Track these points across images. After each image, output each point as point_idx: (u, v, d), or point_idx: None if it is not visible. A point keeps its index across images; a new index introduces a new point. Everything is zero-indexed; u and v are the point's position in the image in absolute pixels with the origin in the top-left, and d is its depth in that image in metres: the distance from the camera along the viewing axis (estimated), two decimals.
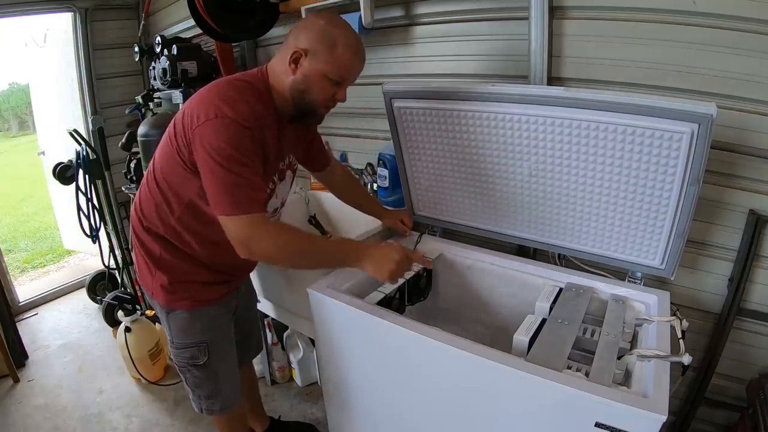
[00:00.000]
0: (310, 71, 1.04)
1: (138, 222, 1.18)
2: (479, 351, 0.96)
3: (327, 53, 1.02)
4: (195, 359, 1.23)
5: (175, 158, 1.06)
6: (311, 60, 1.03)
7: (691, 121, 0.98)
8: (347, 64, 1.05)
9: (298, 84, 1.05)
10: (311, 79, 1.05)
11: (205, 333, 1.23)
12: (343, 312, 1.21)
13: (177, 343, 1.23)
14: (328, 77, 1.05)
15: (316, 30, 1.03)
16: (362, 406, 1.32)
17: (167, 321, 1.22)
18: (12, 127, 12.01)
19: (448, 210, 1.55)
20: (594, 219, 1.26)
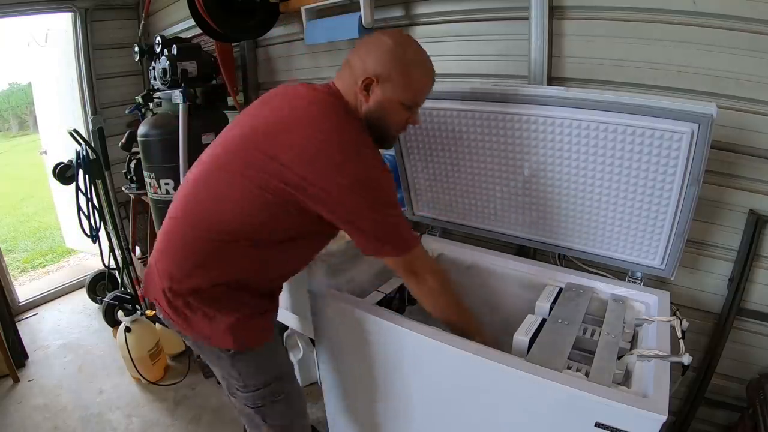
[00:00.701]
0: (384, 99, 0.98)
1: (183, 277, 0.98)
2: (479, 351, 0.96)
3: (401, 79, 0.98)
4: (276, 395, 1.09)
5: (270, 200, 0.93)
6: (384, 87, 0.98)
7: (691, 121, 0.98)
8: (422, 88, 1.03)
9: (373, 112, 1.00)
10: (386, 107, 0.99)
11: (280, 363, 1.13)
12: (343, 312, 1.21)
13: (251, 384, 1.06)
14: (403, 103, 1.01)
15: (386, 53, 0.97)
16: (362, 405, 1.32)
17: (232, 366, 1.04)
18: (12, 127, 12.01)
19: (448, 210, 1.55)
20: (594, 219, 1.26)
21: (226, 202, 0.95)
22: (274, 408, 1.10)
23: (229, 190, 0.95)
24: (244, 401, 1.09)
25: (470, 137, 1.32)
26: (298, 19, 1.88)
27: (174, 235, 1.01)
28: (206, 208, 0.97)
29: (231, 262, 0.97)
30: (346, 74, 1.02)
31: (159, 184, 2.02)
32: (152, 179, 2.04)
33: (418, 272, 1.04)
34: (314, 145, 0.91)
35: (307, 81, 1.05)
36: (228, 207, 0.95)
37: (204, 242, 0.96)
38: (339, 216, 0.94)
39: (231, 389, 1.10)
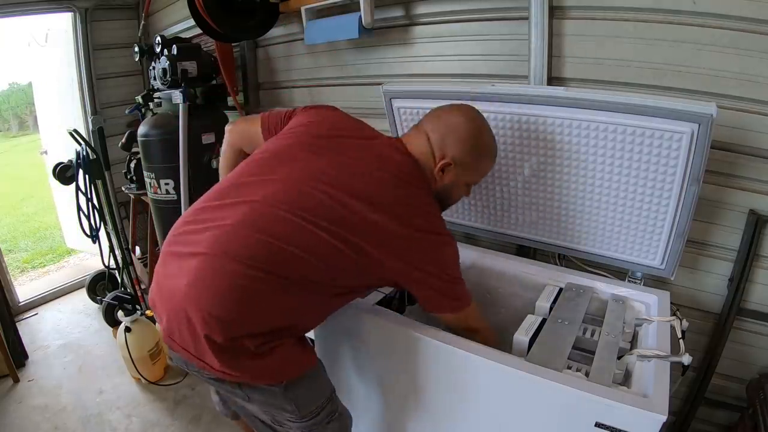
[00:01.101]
0: (457, 181, 1.08)
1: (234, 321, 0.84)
2: (479, 351, 0.96)
3: (474, 165, 1.08)
4: (331, 415, 1.04)
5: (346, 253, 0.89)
6: (458, 170, 1.06)
7: (691, 121, 0.98)
8: (487, 172, 1.15)
9: (445, 191, 1.09)
10: (455, 187, 1.10)
11: (327, 378, 1.07)
12: (343, 312, 1.20)
13: (308, 413, 0.98)
14: (468, 184, 1.13)
15: (467, 140, 1.05)
16: (362, 406, 1.32)
17: (285, 397, 0.94)
18: (12, 127, 12.01)
19: (448, 210, 1.55)
20: (594, 219, 1.26)
21: (294, 245, 0.86)
22: (327, 428, 1.04)
23: (299, 234, 0.86)
24: (297, 430, 1.01)
25: None
26: (298, 19, 1.88)
27: (213, 266, 0.85)
28: (265, 247, 0.85)
29: (283, 306, 0.89)
30: (423, 144, 1.05)
31: (159, 184, 2.02)
32: (152, 179, 2.04)
33: (473, 329, 1.09)
34: (405, 204, 0.96)
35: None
36: (297, 253, 0.86)
37: (260, 283, 0.84)
38: (413, 276, 0.97)
39: (278, 419, 1.01)
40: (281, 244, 0.85)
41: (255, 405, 0.99)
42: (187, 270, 0.85)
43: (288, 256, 0.85)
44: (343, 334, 1.25)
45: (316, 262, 0.87)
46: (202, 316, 0.82)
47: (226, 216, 0.89)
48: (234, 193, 0.93)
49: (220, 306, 0.82)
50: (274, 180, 0.93)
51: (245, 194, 0.92)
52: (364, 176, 0.95)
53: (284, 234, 0.86)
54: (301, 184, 0.91)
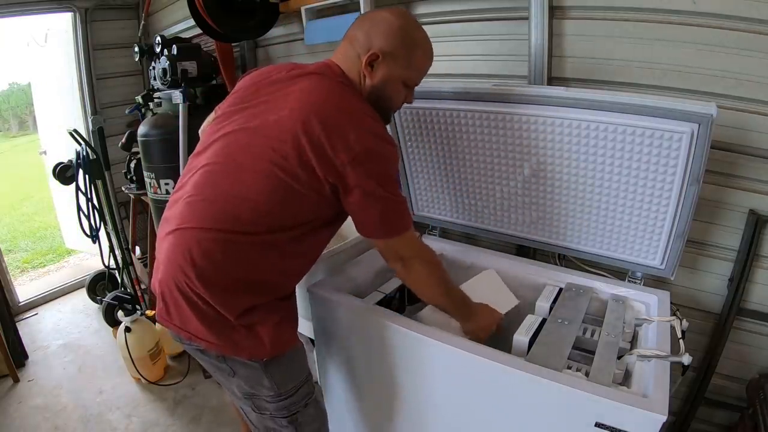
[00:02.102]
0: (389, 76, 0.98)
1: (207, 282, 0.90)
2: (479, 351, 0.96)
3: (407, 58, 0.98)
4: (308, 396, 1.07)
5: (290, 187, 0.90)
6: (389, 64, 0.97)
7: (691, 121, 0.98)
8: (423, 68, 1.03)
9: (377, 89, 0.99)
10: (390, 85, 0.99)
11: (306, 362, 1.09)
12: (343, 312, 1.21)
13: (285, 392, 1.02)
14: (404, 82, 1.01)
15: (393, 31, 0.96)
16: (362, 405, 1.32)
17: (266, 375, 0.99)
18: (12, 127, 12.01)
19: (448, 210, 1.55)
20: (594, 219, 1.26)
21: (237, 197, 0.91)
22: (306, 412, 1.07)
23: (244, 185, 0.91)
24: (276, 412, 1.03)
25: (470, 137, 1.32)
26: (298, 19, 1.88)
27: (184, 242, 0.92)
28: (220, 209, 0.91)
29: (251, 262, 0.93)
30: (348, 50, 0.99)
31: (159, 184, 2.02)
32: (152, 179, 2.04)
33: (404, 258, 1.01)
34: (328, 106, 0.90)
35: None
36: (246, 203, 0.91)
37: (222, 244, 0.90)
38: (354, 188, 0.90)
39: (259, 404, 1.04)
40: (229, 198, 0.91)
41: (239, 381, 1.02)
42: (165, 248, 0.95)
43: (237, 206, 0.90)
44: (343, 333, 1.25)
45: (266, 205, 0.90)
46: (175, 279, 0.91)
47: (186, 186, 0.97)
48: (190, 166, 1.01)
49: (187, 265, 0.89)
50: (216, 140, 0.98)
51: (198, 164, 0.99)
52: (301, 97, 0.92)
53: (230, 188, 0.92)
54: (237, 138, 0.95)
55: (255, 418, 1.08)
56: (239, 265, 0.92)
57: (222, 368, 1.01)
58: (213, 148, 0.97)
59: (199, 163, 0.98)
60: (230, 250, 0.90)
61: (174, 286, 0.92)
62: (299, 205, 0.92)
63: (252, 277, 0.94)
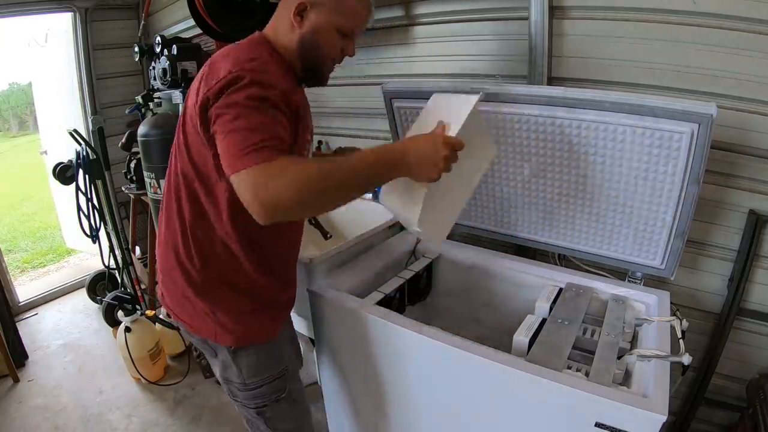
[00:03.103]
0: (318, 23, 0.93)
1: (182, 260, 0.97)
2: (479, 351, 0.96)
3: (335, 2, 0.93)
4: (278, 392, 1.06)
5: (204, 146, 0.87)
6: (318, 11, 0.93)
7: (691, 121, 0.98)
8: (357, 14, 0.96)
9: (307, 38, 0.94)
10: (320, 32, 0.94)
11: (284, 359, 1.08)
12: (343, 312, 1.21)
13: (251, 383, 1.03)
14: (338, 29, 0.95)
15: None
16: (362, 405, 1.32)
17: (235, 362, 1.02)
18: (12, 127, 12.01)
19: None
20: (594, 219, 1.26)
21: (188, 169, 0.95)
22: (277, 407, 1.07)
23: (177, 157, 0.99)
24: (245, 401, 1.06)
25: None
26: None
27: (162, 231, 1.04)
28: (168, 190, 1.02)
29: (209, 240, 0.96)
30: (281, 8, 0.96)
31: (159, 184, 2.02)
32: (152, 179, 2.04)
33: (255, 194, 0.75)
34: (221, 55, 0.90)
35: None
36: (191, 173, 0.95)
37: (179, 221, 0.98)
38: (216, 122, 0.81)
39: (232, 390, 1.08)
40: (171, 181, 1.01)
41: (219, 363, 1.06)
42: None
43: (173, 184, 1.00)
44: (343, 333, 1.25)
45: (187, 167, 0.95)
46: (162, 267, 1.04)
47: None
48: None
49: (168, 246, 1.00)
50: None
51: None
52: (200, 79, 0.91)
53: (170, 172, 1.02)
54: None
55: (236, 405, 1.12)
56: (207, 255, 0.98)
57: (206, 348, 1.07)
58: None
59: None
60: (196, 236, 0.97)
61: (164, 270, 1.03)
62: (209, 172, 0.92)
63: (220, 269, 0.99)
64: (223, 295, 0.99)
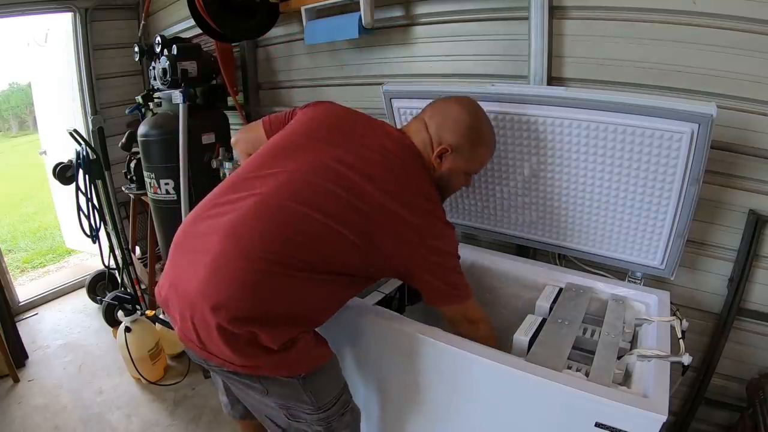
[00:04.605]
0: (454, 168, 1.09)
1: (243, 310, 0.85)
2: (479, 351, 0.96)
3: (471, 152, 1.09)
4: (345, 405, 1.07)
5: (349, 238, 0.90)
6: (456, 158, 1.07)
7: (691, 121, 0.98)
8: (485, 161, 1.15)
9: (443, 179, 1.10)
10: (454, 175, 1.10)
11: (341, 371, 1.11)
12: (342, 312, 1.20)
13: (324, 405, 1.01)
14: (467, 172, 1.13)
15: (463, 128, 1.07)
16: (362, 405, 1.32)
17: (304, 390, 0.97)
18: (12, 127, 12.02)
19: (448, 210, 1.55)
20: (594, 219, 1.26)
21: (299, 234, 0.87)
22: (342, 420, 1.07)
23: (305, 223, 0.88)
24: (313, 422, 1.02)
25: None
26: (298, 19, 1.88)
27: (225, 261, 0.86)
28: (272, 239, 0.87)
29: (293, 295, 0.89)
30: (423, 134, 1.08)
31: (159, 184, 2.02)
32: (152, 179, 2.04)
33: (474, 320, 1.10)
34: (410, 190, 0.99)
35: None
36: (300, 239, 0.87)
37: (267, 275, 0.86)
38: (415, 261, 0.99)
39: (294, 413, 1.03)
40: (289, 233, 0.87)
41: (272, 398, 0.99)
42: (201, 266, 0.86)
43: (296, 245, 0.87)
44: (343, 334, 1.25)
45: (322, 250, 0.89)
46: (213, 310, 0.84)
47: (234, 209, 0.90)
48: (242, 187, 0.95)
49: (230, 298, 0.84)
50: (280, 172, 0.94)
51: (253, 187, 0.93)
52: (373, 162, 0.98)
53: (291, 224, 0.88)
54: (308, 175, 0.92)
55: (285, 423, 1.07)
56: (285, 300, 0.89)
57: (255, 387, 0.97)
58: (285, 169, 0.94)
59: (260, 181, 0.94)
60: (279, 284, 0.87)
61: (207, 314, 0.84)
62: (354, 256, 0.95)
63: (296, 311, 0.92)
64: (287, 326, 0.91)
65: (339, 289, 1.00)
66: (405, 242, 0.96)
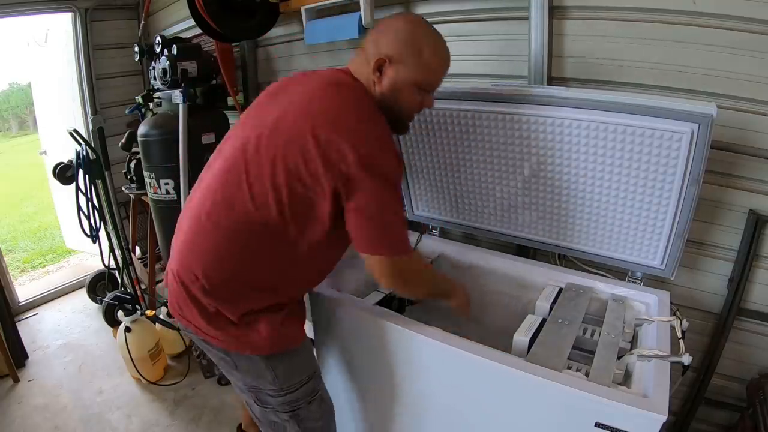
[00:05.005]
0: (398, 80, 0.96)
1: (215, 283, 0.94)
2: (479, 351, 0.96)
3: (415, 59, 0.95)
4: (313, 393, 1.08)
5: (298, 191, 0.90)
6: (397, 68, 0.95)
7: (691, 121, 0.98)
8: (435, 69, 0.99)
9: (387, 95, 0.98)
10: (399, 89, 0.97)
11: (313, 359, 1.11)
12: (343, 312, 1.21)
13: (288, 387, 1.03)
14: (416, 85, 0.98)
15: (398, 33, 0.96)
16: (362, 405, 1.32)
17: (268, 369, 1.00)
18: (12, 127, 12.01)
19: (448, 210, 1.55)
20: (594, 219, 1.26)
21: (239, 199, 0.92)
22: (309, 409, 1.08)
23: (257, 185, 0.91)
24: (278, 407, 1.05)
25: (470, 137, 1.32)
26: (298, 19, 1.88)
27: (199, 237, 0.95)
28: (231, 204, 0.92)
29: (261, 262, 0.94)
30: (361, 57, 1.00)
31: (159, 184, 2.02)
32: (152, 179, 2.04)
33: (408, 280, 1.01)
34: (336, 107, 0.92)
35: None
36: (242, 206, 0.92)
37: (232, 242, 0.92)
38: (355, 200, 0.90)
39: (261, 397, 1.06)
40: (233, 201, 0.93)
41: (241, 375, 1.04)
42: (178, 243, 1.00)
43: (242, 210, 0.92)
44: (343, 333, 1.25)
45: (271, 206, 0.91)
46: (187, 282, 0.95)
47: (194, 197, 1.02)
48: (205, 172, 1.05)
49: (198, 270, 0.94)
50: (222, 155, 1.00)
51: (210, 167, 1.03)
52: (311, 100, 0.94)
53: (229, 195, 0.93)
54: (237, 150, 0.96)
55: (258, 411, 1.09)
56: (247, 267, 0.95)
57: (226, 360, 1.03)
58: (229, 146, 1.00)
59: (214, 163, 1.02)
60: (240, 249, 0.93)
61: (183, 282, 0.96)
62: (303, 208, 0.92)
63: (257, 280, 0.96)
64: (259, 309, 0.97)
65: (286, 249, 0.95)
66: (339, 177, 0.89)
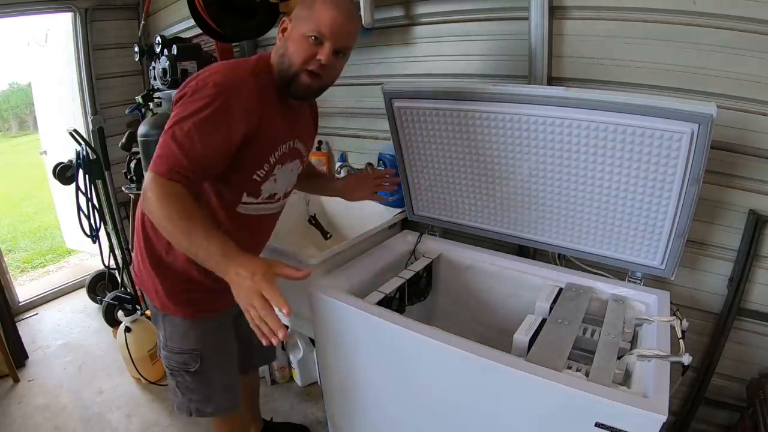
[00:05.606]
0: (291, 33, 1.01)
1: (144, 218, 1.12)
2: (479, 351, 0.96)
3: (305, 13, 1.00)
4: (187, 365, 1.19)
5: None
6: (294, 25, 1.01)
7: (691, 121, 0.98)
8: (323, 17, 0.98)
9: (279, 49, 1.03)
10: (290, 41, 1.01)
11: (200, 342, 1.19)
12: (343, 312, 1.21)
13: (170, 346, 1.19)
14: (305, 35, 0.99)
15: None
16: (362, 405, 1.32)
17: (162, 322, 1.19)
18: (12, 127, 12.01)
19: (448, 210, 1.55)
20: (594, 219, 1.26)
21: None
22: (183, 377, 1.20)
23: None
24: (164, 357, 1.21)
25: (470, 137, 1.32)
26: None
27: None
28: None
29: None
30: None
31: None
32: None
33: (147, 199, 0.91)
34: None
35: None
36: None
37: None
38: None
39: (159, 344, 1.24)
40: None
41: (153, 320, 1.22)
42: None
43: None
44: (343, 333, 1.25)
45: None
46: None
47: None
48: None
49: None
50: None
51: None
52: None
53: None
54: None
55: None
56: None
57: (147, 303, 1.21)
58: None
59: None
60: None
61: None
62: None
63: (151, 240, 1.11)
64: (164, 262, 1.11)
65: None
66: None
